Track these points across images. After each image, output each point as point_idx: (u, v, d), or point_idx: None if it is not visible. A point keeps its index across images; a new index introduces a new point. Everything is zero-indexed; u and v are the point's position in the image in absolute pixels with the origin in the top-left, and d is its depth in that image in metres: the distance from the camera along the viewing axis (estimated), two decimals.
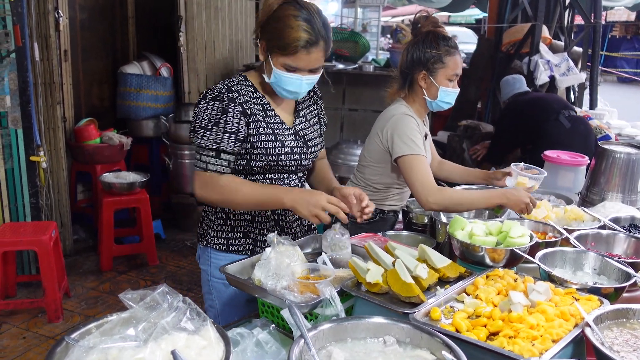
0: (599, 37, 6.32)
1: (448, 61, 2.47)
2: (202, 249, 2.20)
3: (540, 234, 2.17)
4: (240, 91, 2.01)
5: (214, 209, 2.15)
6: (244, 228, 2.13)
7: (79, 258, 4.88)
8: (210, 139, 1.95)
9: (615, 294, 1.67)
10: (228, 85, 2.01)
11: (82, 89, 5.51)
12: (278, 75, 1.95)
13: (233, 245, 2.14)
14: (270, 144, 2.03)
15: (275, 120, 2.07)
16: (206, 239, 2.16)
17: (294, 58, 1.91)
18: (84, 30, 5.45)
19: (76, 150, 5.04)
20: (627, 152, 2.92)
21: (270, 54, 1.94)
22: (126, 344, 1.20)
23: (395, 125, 2.48)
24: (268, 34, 1.93)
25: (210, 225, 2.16)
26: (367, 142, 2.65)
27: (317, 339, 1.35)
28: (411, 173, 2.41)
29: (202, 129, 1.97)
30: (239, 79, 2.06)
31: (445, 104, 2.55)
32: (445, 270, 1.72)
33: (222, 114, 1.95)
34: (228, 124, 1.95)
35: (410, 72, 2.54)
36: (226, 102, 1.96)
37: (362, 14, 11.63)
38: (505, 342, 1.35)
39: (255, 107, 2.02)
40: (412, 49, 2.53)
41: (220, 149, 1.96)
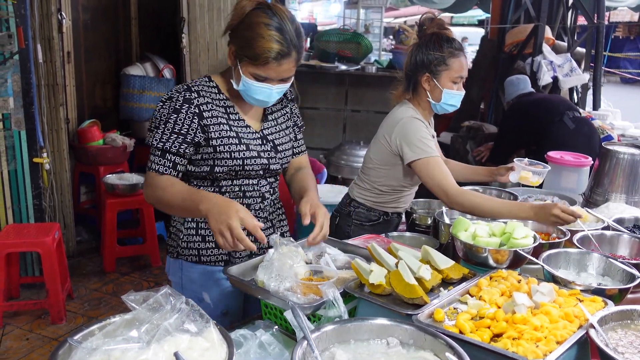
0: (602, 38, 6.31)
1: (452, 63, 2.46)
2: (172, 261, 2.09)
3: (544, 235, 2.17)
4: (200, 92, 1.92)
5: (182, 218, 2.04)
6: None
7: (82, 259, 4.88)
8: (156, 138, 1.88)
9: (620, 295, 1.66)
10: (188, 86, 1.93)
11: (85, 91, 5.52)
12: (247, 84, 1.87)
13: (205, 256, 2.03)
14: (234, 147, 1.93)
15: (239, 124, 1.98)
16: (176, 250, 2.06)
17: (264, 69, 1.83)
18: (87, 31, 5.46)
19: (79, 151, 5.05)
20: (630, 153, 2.91)
21: (240, 62, 1.86)
22: (129, 346, 1.20)
23: (404, 129, 2.47)
24: (238, 40, 1.85)
25: (179, 236, 2.05)
26: (372, 144, 2.64)
27: (320, 340, 1.35)
28: (428, 175, 2.40)
29: (154, 129, 1.90)
30: (203, 80, 1.98)
31: (449, 107, 2.54)
32: (448, 272, 1.72)
33: (173, 114, 1.88)
34: (177, 124, 1.87)
35: (414, 74, 2.53)
36: (180, 102, 1.88)
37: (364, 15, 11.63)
38: (509, 343, 1.35)
39: (216, 109, 1.94)
40: (416, 51, 2.52)
41: (164, 149, 1.87)
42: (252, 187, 2.03)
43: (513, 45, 6.49)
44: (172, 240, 2.09)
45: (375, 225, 2.65)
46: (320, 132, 7.12)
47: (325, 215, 1.89)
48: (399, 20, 18.80)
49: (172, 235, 2.10)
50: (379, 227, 2.65)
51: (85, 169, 5.16)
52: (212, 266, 2.04)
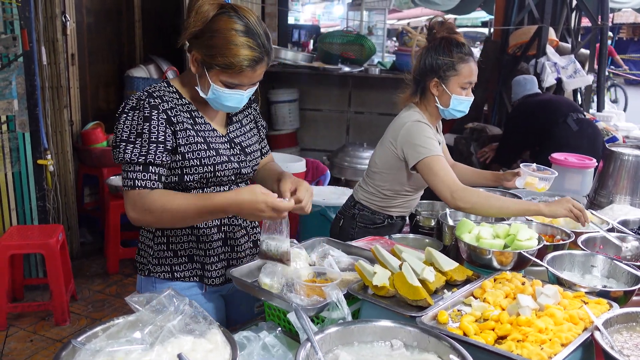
0: (606, 39, 6.30)
1: (461, 69, 2.42)
2: (143, 280, 1.96)
3: (548, 236, 2.16)
4: (163, 97, 1.79)
5: (152, 233, 1.91)
6: (189, 251, 1.91)
7: (86, 261, 4.89)
8: (135, 152, 1.71)
9: (625, 298, 1.65)
10: (149, 92, 1.78)
11: (89, 93, 5.53)
12: (217, 92, 1.76)
13: (178, 272, 1.91)
14: (204, 153, 1.82)
15: (205, 128, 1.86)
16: (147, 267, 1.93)
17: (237, 76, 1.73)
18: (91, 33, 5.47)
19: (83, 153, 5.06)
20: (635, 155, 2.90)
21: (208, 70, 1.74)
22: (132, 347, 1.20)
23: (408, 133, 2.44)
24: (205, 48, 1.72)
25: (149, 252, 1.92)
26: (377, 148, 2.63)
27: (324, 342, 1.34)
28: (430, 174, 2.36)
29: (124, 143, 1.72)
30: (162, 85, 1.84)
31: (458, 112, 2.50)
32: (452, 274, 1.71)
33: (145, 123, 1.73)
34: (153, 132, 1.73)
35: (423, 78, 2.50)
36: (148, 110, 1.74)
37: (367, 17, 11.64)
38: (514, 345, 1.34)
39: (181, 114, 1.81)
40: (425, 55, 2.49)
41: (147, 162, 1.72)
42: None
43: (517, 47, 6.48)
44: (142, 257, 1.96)
45: (379, 228, 2.64)
46: (323, 133, 7.12)
47: (307, 190, 1.78)
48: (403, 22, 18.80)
49: (141, 252, 1.97)
50: (383, 230, 2.64)
51: (89, 171, 5.17)
52: (186, 282, 1.93)
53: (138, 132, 1.73)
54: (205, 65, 1.75)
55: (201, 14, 1.71)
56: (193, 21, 1.72)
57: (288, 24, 8.94)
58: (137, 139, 1.72)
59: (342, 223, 2.73)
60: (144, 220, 1.77)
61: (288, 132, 6.95)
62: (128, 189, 1.73)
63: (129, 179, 1.72)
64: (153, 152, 1.72)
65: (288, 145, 6.89)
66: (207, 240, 1.91)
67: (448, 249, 2.31)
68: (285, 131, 6.93)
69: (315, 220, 3.85)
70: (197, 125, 1.85)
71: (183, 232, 1.90)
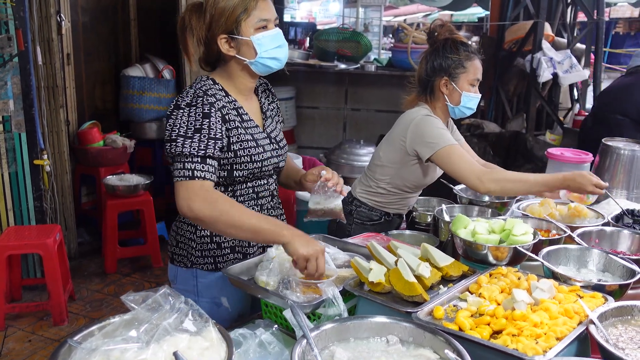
0: (602, 34, 6.30)
1: (469, 66, 2.47)
2: (182, 271, 2.00)
3: (544, 231, 2.17)
4: (216, 95, 1.85)
5: (194, 227, 1.96)
6: (232, 242, 1.98)
7: (84, 261, 4.89)
8: (194, 146, 1.75)
9: (620, 291, 1.66)
10: (203, 90, 1.84)
11: (85, 92, 5.53)
12: (260, 40, 1.83)
13: (221, 262, 1.98)
14: (254, 150, 1.90)
15: (251, 125, 1.94)
16: (188, 260, 1.98)
17: (258, 11, 1.82)
18: (86, 33, 5.46)
19: (80, 153, 5.05)
20: (631, 149, 2.91)
21: (238, 32, 1.83)
22: (128, 346, 1.20)
23: (418, 127, 2.45)
24: (221, 21, 1.82)
25: (192, 245, 1.97)
26: (384, 143, 2.63)
27: (320, 339, 1.35)
28: (451, 163, 2.36)
29: (181, 137, 1.76)
30: (209, 82, 1.90)
31: (467, 110, 2.53)
32: (448, 269, 1.72)
33: (204, 119, 1.78)
34: (212, 129, 1.78)
35: (431, 79, 2.52)
36: (207, 107, 1.80)
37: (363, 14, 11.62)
38: (509, 340, 1.34)
39: (231, 113, 1.88)
40: (431, 57, 2.52)
41: (206, 155, 1.76)
42: (263, 187, 2.03)
43: (513, 42, 6.49)
44: (180, 249, 2.00)
45: (376, 225, 2.65)
46: (320, 131, 7.12)
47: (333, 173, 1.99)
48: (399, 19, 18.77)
49: (179, 245, 2.01)
50: (380, 227, 2.64)
51: (86, 171, 5.17)
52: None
53: (196, 128, 1.77)
54: (235, 32, 1.83)
55: (188, 12, 1.86)
56: (195, 32, 1.86)
57: (284, 21, 8.93)
58: (195, 135, 1.76)
59: (338, 219, 2.73)
60: (201, 213, 1.71)
61: (285, 129, 6.91)
62: (186, 180, 1.73)
63: (186, 169, 1.74)
64: (212, 147, 1.78)
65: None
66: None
67: (444, 244, 2.31)
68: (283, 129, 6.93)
69: None
70: (244, 123, 1.92)
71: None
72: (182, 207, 1.74)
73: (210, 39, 1.86)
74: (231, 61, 1.90)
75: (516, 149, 5.63)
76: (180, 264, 2.01)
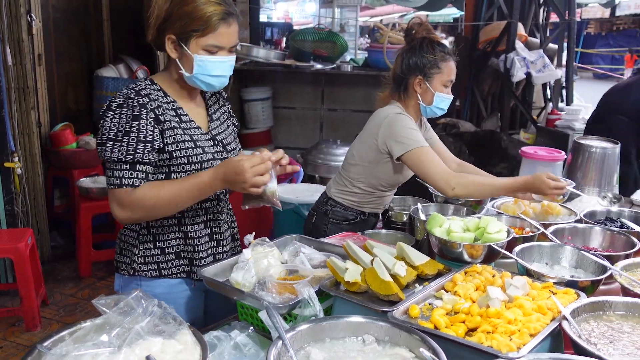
0: (573, 34, 6.40)
1: (444, 67, 2.48)
2: (125, 279, 1.96)
3: (518, 229, 2.19)
4: (150, 96, 1.80)
5: (136, 232, 1.91)
6: (177, 248, 1.93)
7: (57, 265, 4.80)
8: (122, 151, 1.72)
9: (592, 287, 1.68)
10: (136, 90, 1.79)
11: (57, 93, 5.43)
12: (202, 62, 1.78)
13: (165, 269, 1.93)
14: (191, 151, 1.84)
15: (191, 126, 1.88)
16: (132, 267, 1.93)
17: (215, 35, 1.77)
18: (58, 33, 5.37)
19: (52, 155, 4.96)
20: (602, 147, 2.96)
21: (186, 43, 1.77)
22: (99, 351, 1.18)
23: (390, 126, 2.46)
24: (177, 21, 1.76)
25: (134, 251, 1.92)
26: (356, 142, 2.63)
27: (296, 339, 1.34)
28: (421, 165, 2.38)
29: (110, 141, 1.73)
30: (146, 83, 1.85)
31: (439, 110, 2.54)
32: (423, 268, 1.72)
33: (134, 122, 1.74)
34: (141, 132, 1.74)
35: (406, 77, 2.53)
36: (137, 109, 1.75)
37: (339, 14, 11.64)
38: (484, 337, 1.35)
39: (168, 113, 1.82)
40: (407, 55, 2.52)
41: (134, 160, 1.74)
42: None
43: (487, 43, 6.56)
44: (124, 256, 1.96)
45: (352, 224, 2.65)
46: (297, 131, 7.11)
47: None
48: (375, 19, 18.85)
49: (123, 252, 1.97)
50: (356, 226, 2.65)
51: (59, 173, 5.08)
52: (174, 278, 1.94)
53: (126, 131, 1.73)
54: (182, 39, 1.78)
55: (160, 2, 1.78)
56: (156, 9, 1.78)
57: (260, 21, 8.90)
58: (124, 137, 1.73)
59: (314, 220, 2.73)
60: (135, 217, 1.79)
61: (262, 130, 6.92)
62: (114, 188, 1.75)
63: (115, 177, 1.74)
64: (141, 151, 1.74)
65: (262, 143, 6.85)
66: (195, 236, 1.94)
67: (420, 243, 2.32)
68: (258, 129, 6.90)
69: (288, 217, 3.84)
70: (183, 124, 1.86)
71: (170, 229, 1.92)
72: (116, 216, 1.78)
73: (161, 29, 1.80)
74: (174, 63, 1.84)
75: (491, 148, 5.68)
76: (124, 272, 1.95)
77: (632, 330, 1.42)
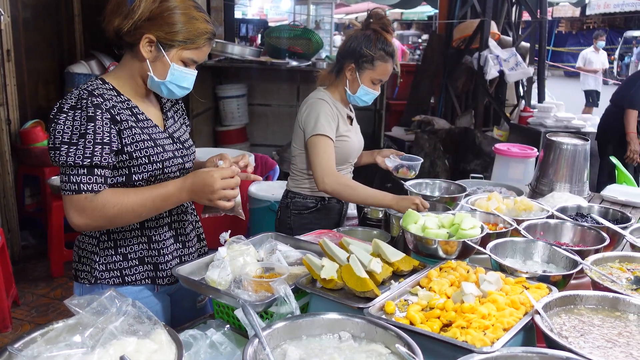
0: (545, 33, 6.51)
1: (378, 66, 2.51)
2: (86, 288, 1.85)
3: (491, 225, 2.22)
4: (104, 95, 1.71)
5: (96, 239, 1.83)
6: (140, 254, 1.86)
7: (29, 264, 4.72)
8: (78, 154, 1.63)
9: (564, 281, 1.71)
10: (88, 90, 1.70)
11: (27, 90, 5.32)
12: (176, 72, 1.75)
13: (129, 275, 1.85)
14: (152, 150, 1.77)
15: (148, 125, 1.82)
16: (92, 275, 1.83)
17: (197, 52, 1.76)
18: (27, 29, 5.26)
19: (23, 153, 4.87)
20: (573, 144, 3.01)
21: (166, 49, 1.73)
22: (72, 352, 1.16)
23: (308, 110, 2.54)
24: (165, 26, 1.70)
25: (94, 259, 1.83)
26: (294, 132, 2.67)
27: (272, 337, 1.34)
28: (312, 153, 2.47)
29: (65, 145, 1.63)
30: (97, 82, 1.76)
31: (361, 102, 2.59)
32: (399, 264, 1.74)
33: (89, 123, 1.65)
34: (97, 133, 1.65)
35: (342, 60, 2.57)
36: (92, 109, 1.66)
37: (314, 11, 11.64)
38: (458, 332, 1.37)
39: (124, 112, 1.75)
40: (352, 39, 2.55)
41: (92, 164, 1.64)
42: None
43: (460, 40, 6.62)
44: (83, 264, 1.86)
45: (314, 213, 2.65)
46: (273, 128, 7.09)
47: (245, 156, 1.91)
48: (350, 17, 18.88)
49: (82, 259, 1.86)
50: (319, 213, 2.65)
51: (30, 171, 4.98)
52: (137, 285, 1.87)
53: (81, 133, 1.64)
54: (164, 45, 1.73)
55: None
56: (144, 4, 1.70)
57: (235, 18, 8.84)
58: (79, 140, 1.64)
59: (279, 215, 2.74)
60: (94, 225, 1.70)
61: (237, 127, 6.89)
62: (71, 194, 1.65)
63: (71, 182, 1.64)
64: (99, 154, 1.65)
65: (237, 141, 6.82)
66: (159, 240, 1.88)
67: (396, 240, 2.34)
68: (234, 127, 6.86)
69: (264, 215, 3.83)
70: (140, 123, 1.79)
71: (133, 235, 1.85)
72: (74, 223, 1.68)
73: (137, 26, 1.71)
74: (140, 61, 1.77)
75: (465, 145, 5.75)
76: (84, 280, 1.85)
77: (602, 323, 1.45)
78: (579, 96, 11.99)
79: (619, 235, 2.12)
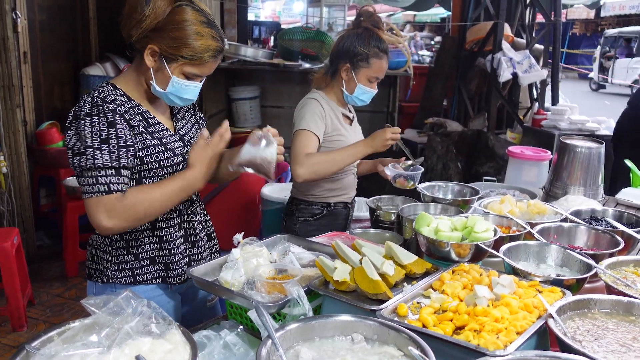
0: (559, 35, 6.46)
1: (373, 63, 2.50)
2: (99, 287, 1.89)
3: (505, 228, 2.21)
4: (116, 102, 1.75)
5: (109, 239, 1.86)
6: (151, 253, 1.89)
7: (44, 264, 4.77)
8: (106, 157, 1.67)
9: (577, 285, 1.70)
10: (101, 98, 1.73)
11: (43, 92, 5.39)
12: (177, 84, 1.77)
13: (140, 275, 1.88)
14: (162, 155, 1.82)
15: (159, 129, 1.85)
16: (105, 274, 1.86)
17: (201, 67, 1.77)
18: (43, 31, 5.33)
19: (38, 154, 4.92)
20: (587, 147, 2.99)
21: (168, 62, 1.74)
22: (89, 351, 1.18)
23: (298, 109, 2.55)
24: (169, 40, 1.71)
25: (107, 258, 1.87)
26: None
27: (285, 339, 1.34)
28: (294, 145, 2.47)
29: (90, 149, 1.66)
30: (108, 88, 1.79)
31: (359, 101, 2.59)
32: (411, 267, 1.74)
33: (110, 128, 1.69)
34: (120, 137, 1.70)
35: (337, 60, 2.57)
36: (110, 115, 1.70)
37: (327, 13, 11.65)
38: (471, 335, 1.36)
39: (135, 117, 1.79)
40: (345, 39, 2.55)
41: (120, 165, 1.69)
42: None
43: (474, 43, 6.60)
44: (97, 263, 1.90)
45: (320, 219, 2.64)
46: (285, 131, 7.05)
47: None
48: None
49: (95, 259, 1.90)
50: (325, 220, 2.65)
51: (45, 172, 5.04)
52: (149, 284, 1.90)
53: (103, 139, 1.68)
54: (166, 58, 1.74)
55: (157, 9, 1.70)
56: (152, 14, 1.70)
57: (248, 20, 8.88)
58: (102, 145, 1.67)
59: (285, 222, 2.73)
60: (124, 225, 1.72)
61: (250, 129, 6.91)
62: (101, 195, 1.67)
63: (100, 184, 1.67)
64: (124, 156, 1.70)
65: None
66: (170, 240, 1.91)
67: (408, 242, 2.33)
68: (246, 128, 6.89)
69: (277, 217, 3.84)
70: (150, 127, 1.83)
71: (144, 235, 1.88)
72: (100, 225, 1.69)
73: (144, 35, 1.74)
74: (146, 68, 1.79)
75: (478, 148, 5.72)
76: (97, 279, 1.89)
77: (616, 327, 1.45)
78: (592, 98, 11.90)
79: (633, 239, 2.11)
